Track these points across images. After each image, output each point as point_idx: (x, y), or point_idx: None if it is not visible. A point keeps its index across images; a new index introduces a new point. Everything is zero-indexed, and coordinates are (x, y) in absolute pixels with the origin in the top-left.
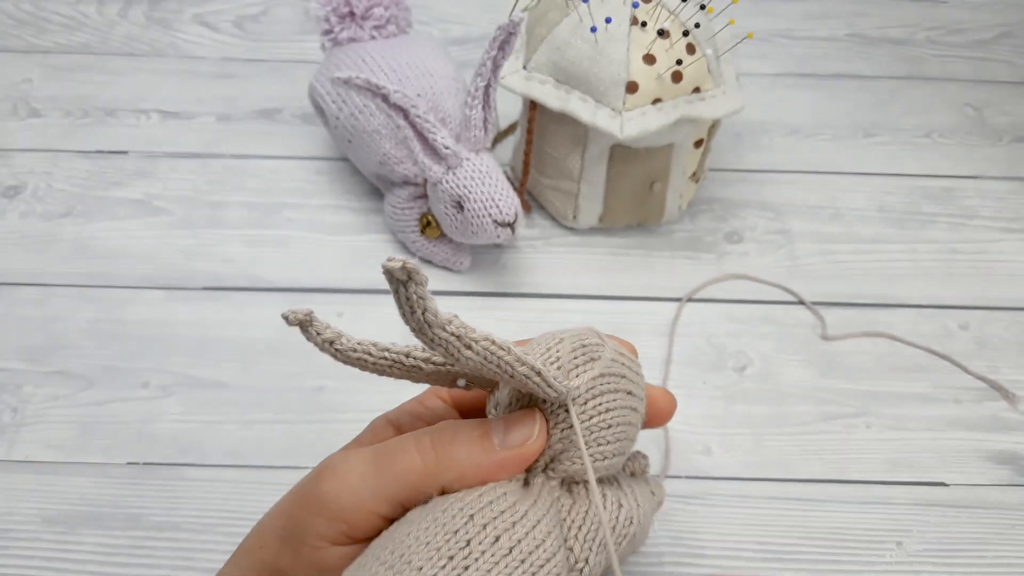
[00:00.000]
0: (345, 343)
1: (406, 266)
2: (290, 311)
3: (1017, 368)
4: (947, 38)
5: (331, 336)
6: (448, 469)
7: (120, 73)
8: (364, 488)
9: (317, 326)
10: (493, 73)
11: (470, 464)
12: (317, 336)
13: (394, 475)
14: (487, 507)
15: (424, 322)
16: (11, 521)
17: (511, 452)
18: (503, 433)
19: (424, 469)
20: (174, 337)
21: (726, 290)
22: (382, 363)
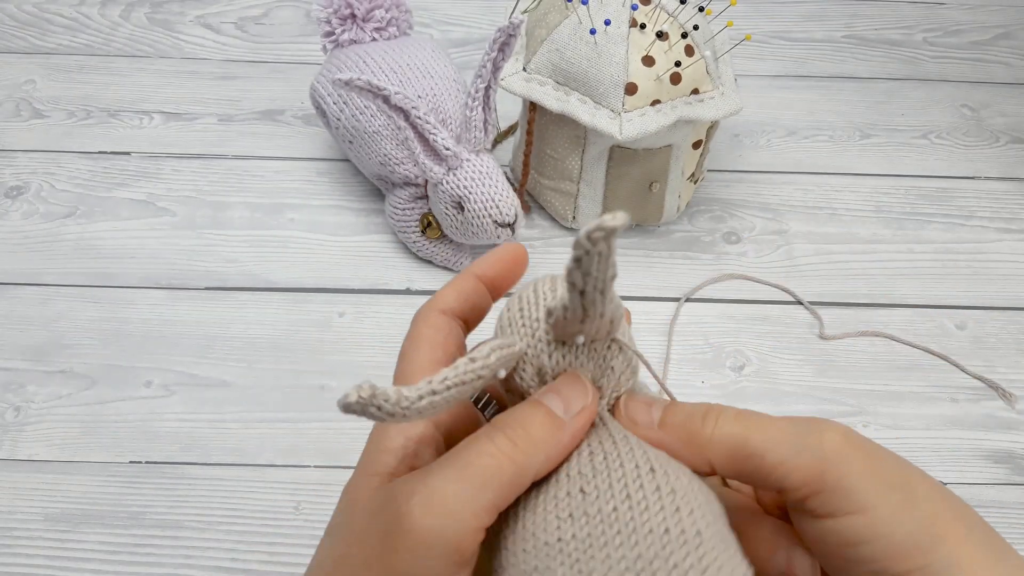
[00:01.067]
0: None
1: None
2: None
3: (1014, 367)
4: (944, 39)
5: (396, 397)
6: (535, 457)
7: (122, 74)
8: (464, 509)
9: (380, 394)
10: (493, 75)
11: (553, 444)
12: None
13: (488, 484)
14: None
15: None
16: (14, 519)
17: (579, 419)
18: (561, 405)
19: (515, 468)
20: (176, 336)
21: (724, 290)
22: (446, 395)
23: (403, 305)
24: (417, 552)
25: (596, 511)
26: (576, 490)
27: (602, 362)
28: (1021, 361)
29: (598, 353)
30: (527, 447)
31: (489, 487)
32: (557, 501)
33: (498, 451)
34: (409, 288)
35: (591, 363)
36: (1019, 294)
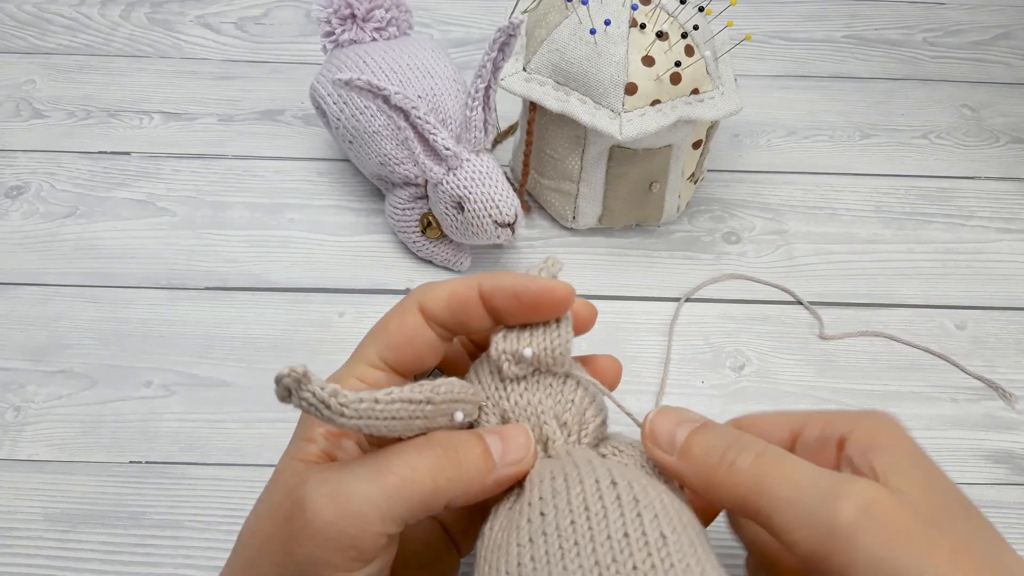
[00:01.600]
0: (349, 396)
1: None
2: (287, 369)
3: (1014, 367)
4: (944, 39)
5: (333, 390)
6: (455, 486)
7: (122, 74)
8: (371, 512)
9: (316, 382)
10: (493, 75)
11: (475, 482)
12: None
13: (401, 496)
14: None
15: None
16: (14, 520)
17: (510, 470)
18: (501, 450)
19: (434, 488)
20: (176, 336)
21: (724, 290)
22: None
23: None
24: (315, 541)
25: (554, 528)
26: (536, 514)
27: (560, 397)
28: (1021, 361)
29: (554, 389)
30: (452, 475)
31: (402, 499)
32: (519, 530)
33: (423, 467)
34: (409, 288)
35: (550, 399)
36: (1019, 294)
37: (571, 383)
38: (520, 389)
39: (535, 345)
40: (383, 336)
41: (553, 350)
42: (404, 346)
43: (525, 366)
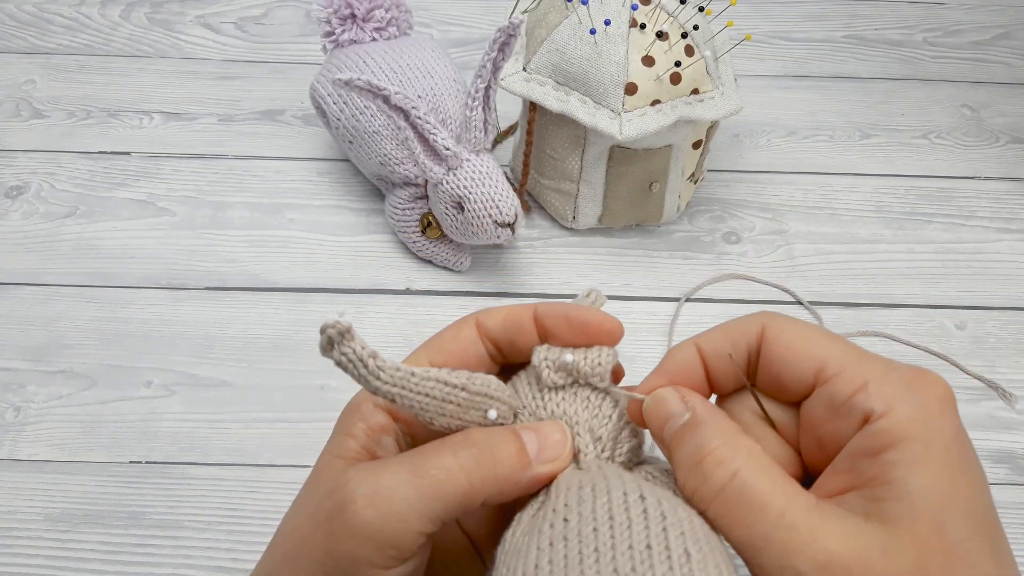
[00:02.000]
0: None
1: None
2: (332, 322)
3: (1014, 367)
4: (944, 39)
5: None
6: (490, 485)
7: (122, 74)
8: (409, 511)
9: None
10: (493, 75)
11: (510, 480)
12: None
13: (438, 495)
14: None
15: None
16: (14, 520)
17: (545, 468)
18: (537, 448)
19: (468, 487)
20: (176, 336)
21: (724, 290)
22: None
23: (403, 305)
24: (355, 539)
25: (576, 534)
26: (559, 520)
27: (597, 411)
28: (1021, 361)
29: (592, 403)
30: (487, 473)
31: (438, 499)
32: (539, 534)
33: (458, 467)
34: (409, 288)
35: (586, 412)
36: (1019, 294)
37: (610, 401)
38: (557, 398)
39: (576, 353)
40: (436, 342)
41: (593, 361)
42: (454, 353)
43: (564, 374)
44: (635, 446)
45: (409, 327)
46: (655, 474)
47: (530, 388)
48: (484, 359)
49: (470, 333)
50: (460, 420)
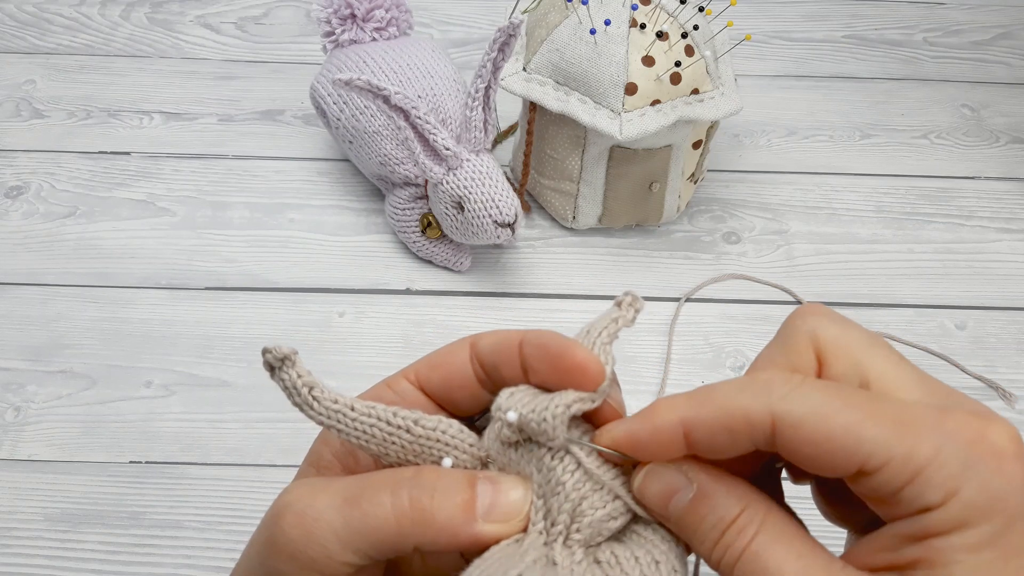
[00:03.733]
0: (325, 393)
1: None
2: (273, 346)
3: (1014, 367)
4: (944, 39)
5: (311, 382)
6: (422, 533)
7: (122, 74)
8: (332, 539)
9: (299, 368)
10: (493, 75)
11: (446, 533)
12: (296, 379)
13: (364, 530)
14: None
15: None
16: (14, 519)
17: (491, 527)
18: (489, 502)
19: (397, 529)
20: (176, 336)
21: (724, 290)
22: (363, 421)
23: (403, 305)
24: (280, 556)
25: None
26: None
27: (549, 475)
28: (1021, 361)
29: (545, 464)
30: (419, 520)
31: (364, 535)
32: None
33: (391, 507)
34: (409, 288)
35: (539, 475)
36: (1019, 294)
37: (570, 461)
38: (516, 455)
39: (524, 408)
40: (430, 358)
41: (540, 418)
42: (438, 366)
43: (514, 430)
44: (601, 518)
45: (409, 327)
46: (620, 558)
47: (495, 435)
48: (472, 383)
49: (464, 353)
50: (410, 462)
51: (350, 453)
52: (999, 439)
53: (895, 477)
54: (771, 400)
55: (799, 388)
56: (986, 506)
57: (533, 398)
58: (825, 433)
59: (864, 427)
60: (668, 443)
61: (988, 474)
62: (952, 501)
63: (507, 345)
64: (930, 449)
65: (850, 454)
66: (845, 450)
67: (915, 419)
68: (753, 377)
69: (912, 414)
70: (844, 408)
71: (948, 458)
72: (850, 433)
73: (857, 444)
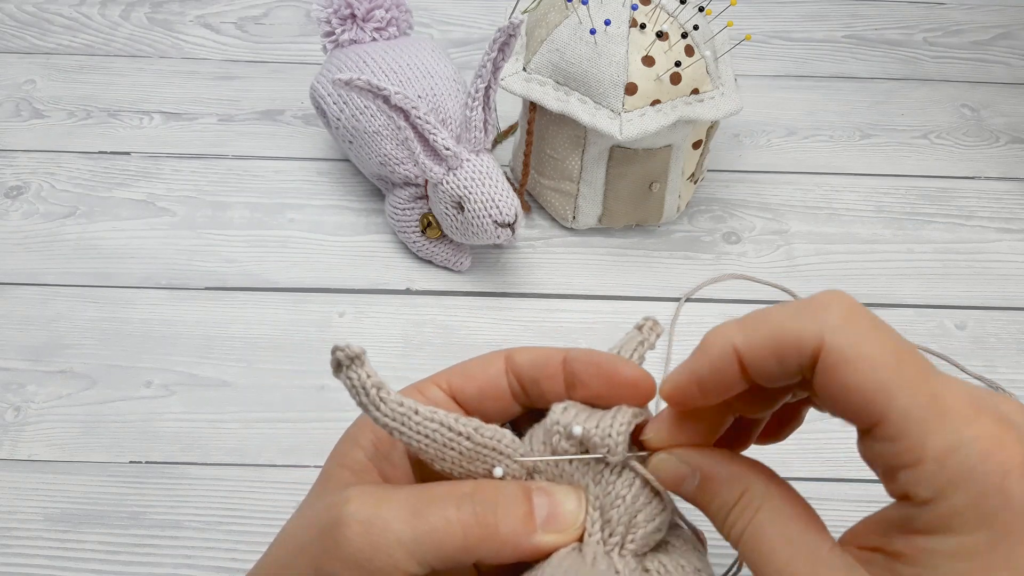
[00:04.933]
0: (391, 395)
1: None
2: (344, 345)
3: (1014, 367)
4: (944, 39)
5: (378, 382)
6: (488, 546)
7: (122, 74)
8: (399, 550)
9: (368, 368)
10: (493, 75)
11: (510, 545)
12: (365, 379)
13: (432, 542)
14: None
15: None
16: (14, 520)
17: (550, 538)
18: (546, 513)
19: (464, 542)
20: (176, 336)
21: (724, 290)
22: (426, 426)
23: (403, 305)
24: (342, 562)
25: None
26: None
27: (609, 489)
28: (1021, 361)
29: (605, 478)
30: (485, 534)
31: (431, 547)
32: None
33: (458, 521)
34: (409, 288)
35: (598, 488)
36: (1019, 294)
37: (627, 476)
38: (571, 468)
39: (588, 423)
40: (463, 367)
41: (605, 434)
42: (473, 376)
43: (575, 443)
44: (652, 530)
45: (409, 327)
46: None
47: (545, 448)
48: (506, 395)
49: (499, 366)
50: (462, 468)
51: (385, 457)
52: (1013, 454)
53: (899, 455)
54: (824, 328)
55: (854, 323)
56: (974, 518)
57: (589, 414)
58: (862, 382)
59: (896, 394)
60: (726, 374)
61: (987, 488)
62: (940, 503)
63: (549, 361)
64: (942, 446)
65: (872, 413)
66: (872, 406)
67: (948, 408)
68: (808, 301)
69: (947, 403)
70: (888, 365)
71: (955, 462)
72: (883, 393)
73: (884, 408)
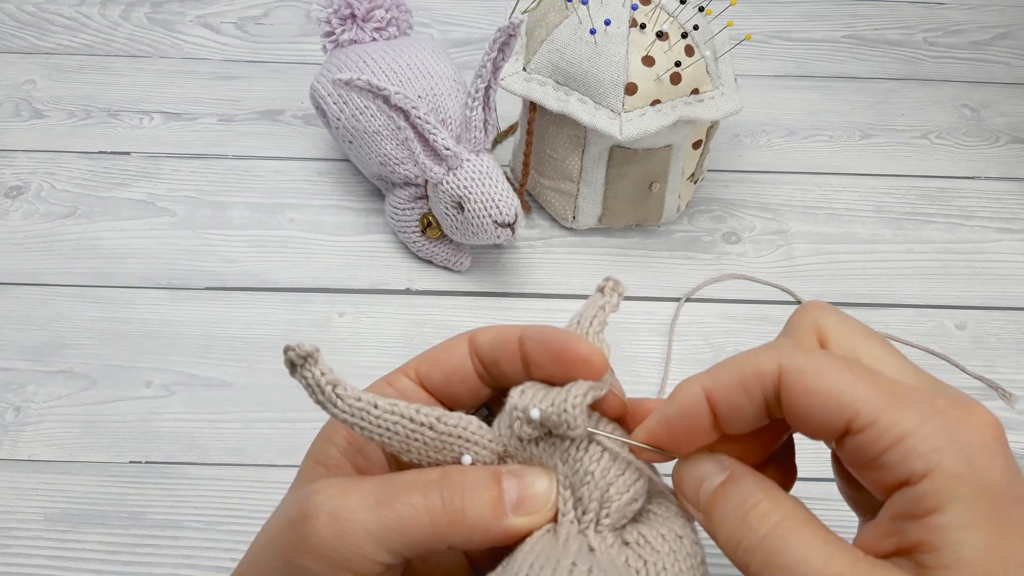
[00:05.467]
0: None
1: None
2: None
3: (1014, 367)
4: (944, 39)
5: (334, 379)
6: (456, 532)
7: (122, 74)
8: (366, 539)
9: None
10: (493, 75)
11: (479, 530)
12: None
13: (399, 530)
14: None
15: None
16: (14, 520)
17: (522, 520)
18: (516, 496)
19: (432, 529)
20: (176, 336)
21: (724, 290)
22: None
23: (403, 305)
24: (310, 554)
25: None
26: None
27: (577, 466)
28: (1021, 361)
29: (572, 455)
30: (453, 520)
31: (399, 535)
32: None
33: (424, 508)
34: (409, 288)
35: (566, 467)
36: (1019, 294)
37: (595, 449)
38: (538, 450)
39: (543, 403)
40: (429, 354)
41: (560, 410)
42: (439, 362)
43: (535, 426)
44: (627, 501)
45: (409, 327)
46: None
47: (511, 432)
48: (472, 378)
49: (463, 349)
50: (430, 458)
51: (359, 451)
52: (982, 421)
53: (880, 438)
54: (780, 355)
55: (807, 351)
56: (969, 482)
57: (546, 393)
58: (822, 387)
59: (857, 387)
60: (697, 416)
61: (973, 449)
62: (937, 473)
63: (506, 341)
64: (916, 419)
65: (841, 409)
66: (838, 406)
67: (906, 393)
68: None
69: (903, 389)
70: (843, 369)
71: (933, 431)
72: (844, 390)
73: (850, 401)
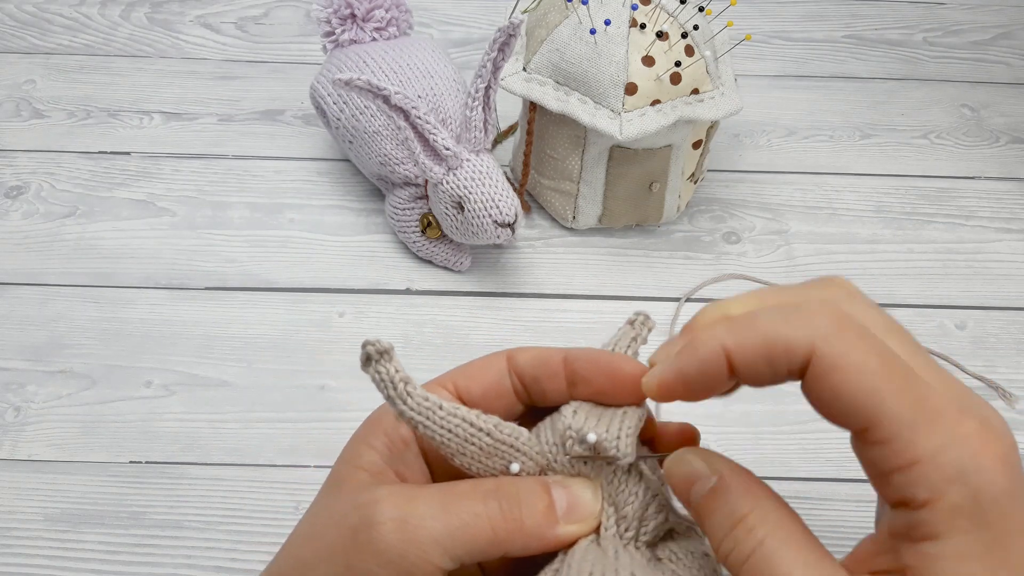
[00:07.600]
0: (418, 389)
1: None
2: (374, 339)
3: (1014, 367)
4: (944, 39)
5: (406, 377)
6: (515, 539)
7: (122, 74)
8: (433, 545)
9: (396, 363)
10: (493, 75)
11: (535, 537)
12: (394, 373)
13: (464, 539)
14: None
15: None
16: (14, 520)
17: (571, 528)
18: (566, 504)
19: (493, 536)
20: (176, 336)
21: (724, 290)
22: (449, 421)
23: (403, 305)
24: (376, 559)
25: None
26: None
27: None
28: (1021, 361)
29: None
30: (512, 527)
31: (463, 541)
32: None
33: (486, 516)
34: (409, 288)
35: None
36: (1019, 294)
37: (636, 474)
38: (585, 469)
39: (600, 431)
40: (466, 369)
41: (614, 436)
42: (477, 377)
43: (587, 447)
44: (661, 521)
45: (409, 327)
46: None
47: (557, 448)
48: (509, 394)
49: (501, 366)
50: (480, 464)
51: (399, 458)
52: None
53: (891, 457)
54: (815, 335)
55: (843, 331)
56: (972, 516)
57: (599, 418)
58: (852, 388)
59: (887, 398)
60: (715, 374)
61: (984, 485)
62: (939, 504)
63: (548, 360)
64: (934, 446)
65: (863, 416)
66: (862, 411)
67: (934, 411)
68: (796, 306)
69: (934, 405)
70: (878, 371)
71: (948, 461)
72: (872, 397)
73: (875, 410)
